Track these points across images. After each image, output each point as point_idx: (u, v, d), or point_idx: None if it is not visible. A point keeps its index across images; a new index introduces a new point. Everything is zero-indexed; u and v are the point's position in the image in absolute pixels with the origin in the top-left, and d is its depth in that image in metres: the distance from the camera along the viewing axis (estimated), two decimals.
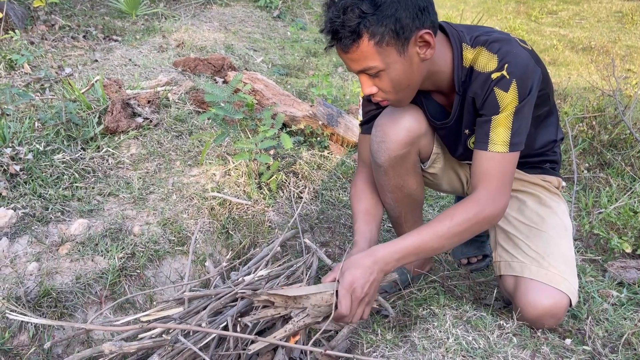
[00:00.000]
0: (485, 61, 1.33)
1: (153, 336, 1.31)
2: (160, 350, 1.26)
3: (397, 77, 1.33)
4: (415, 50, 1.30)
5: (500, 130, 1.35)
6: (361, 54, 1.28)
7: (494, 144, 1.36)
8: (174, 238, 1.95)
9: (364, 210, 1.63)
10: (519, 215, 1.60)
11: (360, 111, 1.72)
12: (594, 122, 3.09)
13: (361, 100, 1.70)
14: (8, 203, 1.90)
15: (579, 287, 1.72)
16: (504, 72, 1.30)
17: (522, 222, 1.58)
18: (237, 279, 1.54)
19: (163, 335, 1.29)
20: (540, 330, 1.50)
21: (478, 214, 1.36)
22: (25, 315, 1.47)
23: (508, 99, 1.32)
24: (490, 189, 1.37)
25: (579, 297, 1.70)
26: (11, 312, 1.37)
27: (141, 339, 1.33)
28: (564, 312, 1.47)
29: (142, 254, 1.84)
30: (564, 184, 1.93)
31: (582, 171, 2.76)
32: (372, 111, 1.62)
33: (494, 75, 1.32)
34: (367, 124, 1.64)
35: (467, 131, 1.49)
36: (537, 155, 1.64)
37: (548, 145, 1.62)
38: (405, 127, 1.52)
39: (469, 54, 1.37)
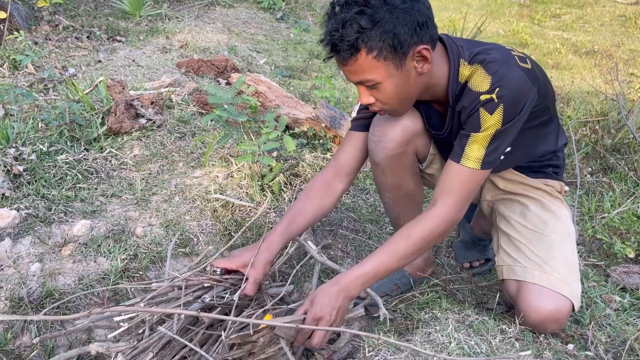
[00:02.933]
0: (479, 80, 1.35)
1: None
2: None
3: (394, 90, 1.35)
4: (413, 65, 1.32)
5: (475, 147, 1.38)
6: (359, 67, 1.30)
7: (466, 158, 1.39)
8: (176, 239, 1.95)
9: (297, 210, 1.61)
10: (521, 219, 1.60)
11: (356, 107, 1.72)
12: (597, 127, 3.09)
13: None
14: (11, 203, 1.91)
15: (582, 292, 1.72)
16: (493, 96, 1.32)
17: (525, 227, 1.58)
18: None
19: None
20: (542, 335, 1.50)
21: (433, 231, 1.41)
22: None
23: (491, 121, 1.34)
24: (448, 205, 1.41)
25: (582, 302, 1.70)
26: None
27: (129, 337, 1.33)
28: (567, 317, 1.47)
29: (144, 255, 1.85)
30: (566, 188, 1.92)
31: (585, 175, 2.76)
32: (367, 110, 1.62)
33: (483, 97, 1.33)
34: (358, 121, 1.65)
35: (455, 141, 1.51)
36: (538, 161, 1.65)
37: (547, 155, 1.63)
38: (401, 126, 1.55)
39: (465, 70, 1.38)
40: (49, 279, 1.66)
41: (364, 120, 1.64)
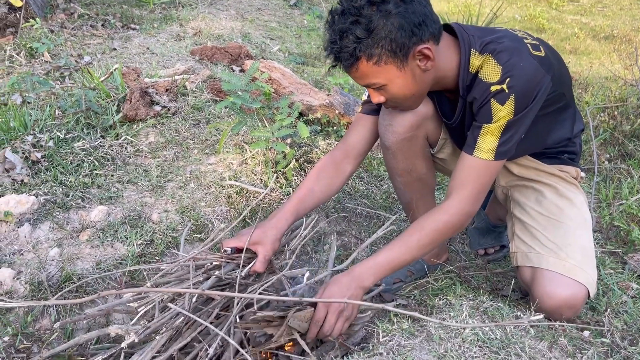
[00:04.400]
0: (490, 71, 1.33)
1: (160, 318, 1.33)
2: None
3: (400, 90, 1.36)
4: (416, 64, 1.32)
5: (488, 138, 1.37)
6: (362, 73, 1.32)
7: (479, 150, 1.39)
8: (192, 225, 1.97)
9: (306, 189, 1.61)
10: (536, 206, 1.58)
11: (367, 91, 1.72)
12: (615, 112, 3.04)
13: None
14: (30, 190, 1.94)
15: (598, 279, 1.71)
16: (504, 86, 1.30)
17: (540, 213, 1.56)
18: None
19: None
20: (557, 321, 1.49)
21: (447, 224, 1.41)
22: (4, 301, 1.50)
23: (503, 112, 1.33)
24: (462, 198, 1.41)
25: (598, 289, 1.68)
26: None
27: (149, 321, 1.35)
28: (582, 304, 1.46)
29: (160, 241, 1.87)
30: (582, 174, 1.90)
31: (603, 162, 2.72)
32: None
33: (494, 88, 1.32)
34: (368, 104, 1.65)
35: (468, 133, 1.50)
36: (553, 148, 1.63)
37: (562, 142, 1.61)
38: (412, 110, 1.54)
39: (476, 60, 1.37)
40: (68, 263, 1.69)
41: (374, 104, 1.63)
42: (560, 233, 1.52)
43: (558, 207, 1.57)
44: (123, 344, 1.18)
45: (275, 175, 2.26)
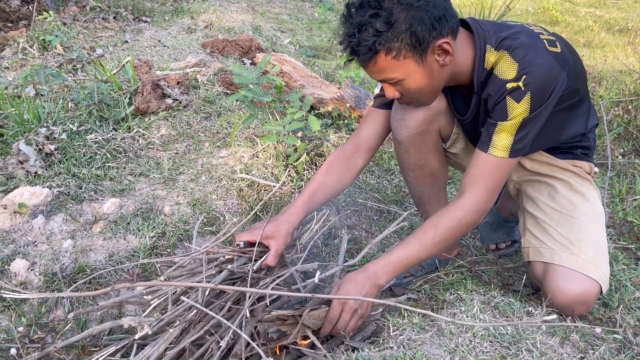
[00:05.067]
0: (506, 67, 1.31)
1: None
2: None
3: (417, 85, 1.34)
4: (434, 59, 1.30)
5: (503, 136, 1.36)
6: (379, 67, 1.29)
7: (494, 147, 1.37)
8: (203, 218, 1.98)
9: (317, 183, 1.61)
10: (549, 201, 1.57)
11: (379, 85, 1.70)
12: (630, 107, 3.00)
13: None
14: (43, 182, 1.95)
15: (611, 275, 1.69)
16: (520, 84, 1.29)
17: (553, 208, 1.55)
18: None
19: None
20: (569, 317, 1.48)
21: (461, 221, 1.41)
22: (19, 292, 1.51)
23: (519, 110, 1.31)
24: (477, 195, 1.40)
25: (611, 285, 1.67)
26: (6, 292, 1.40)
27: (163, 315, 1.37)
28: (594, 300, 1.45)
29: (172, 233, 1.88)
30: (596, 169, 1.88)
31: (617, 157, 2.69)
32: None
33: (509, 85, 1.30)
34: (380, 98, 1.64)
35: (482, 129, 1.48)
36: (567, 143, 1.61)
37: (576, 137, 1.60)
38: (426, 105, 1.53)
39: (491, 56, 1.35)
40: (81, 255, 1.71)
41: (386, 99, 1.62)
42: (573, 228, 1.50)
43: (571, 202, 1.56)
44: (136, 336, 1.19)
45: (287, 168, 2.26)
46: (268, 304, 1.33)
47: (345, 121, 2.72)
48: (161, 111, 2.53)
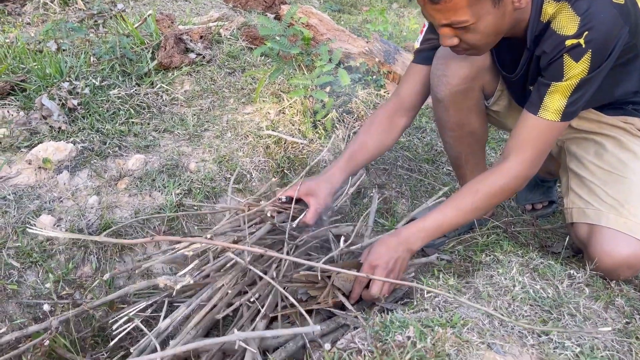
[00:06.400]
0: (565, 21, 1.19)
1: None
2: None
3: (486, 30, 1.21)
4: (510, 0, 1.18)
5: (557, 97, 1.25)
6: (454, 5, 1.14)
7: (545, 109, 1.27)
8: (229, 175, 1.93)
9: (359, 144, 1.55)
10: (596, 159, 1.47)
11: (420, 37, 1.59)
12: None
13: (426, 25, 1.56)
14: (67, 137, 1.92)
15: None
16: (581, 40, 1.17)
17: (600, 167, 1.45)
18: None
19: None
20: (614, 281, 1.41)
21: (504, 187, 1.33)
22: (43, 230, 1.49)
23: (576, 69, 1.20)
24: (522, 161, 1.32)
25: None
26: (32, 227, 1.39)
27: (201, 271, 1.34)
28: None
29: (198, 190, 1.84)
30: None
31: None
32: (433, 40, 1.50)
33: (569, 42, 1.18)
34: (422, 53, 1.53)
35: (531, 87, 1.38)
36: (617, 100, 1.50)
37: (628, 94, 1.47)
38: (468, 59, 1.43)
39: (549, 7, 1.22)
40: (107, 211, 1.68)
41: (428, 52, 1.52)
42: (623, 188, 1.41)
43: (620, 160, 1.45)
44: (177, 286, 1.16)
45: (314, 125, 2.19)
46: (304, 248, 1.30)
47: (374, 77, 2.61)
48: (184, 66, 2.46)
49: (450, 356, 1.06)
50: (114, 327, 1.27)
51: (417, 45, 1.60)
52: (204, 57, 2.54)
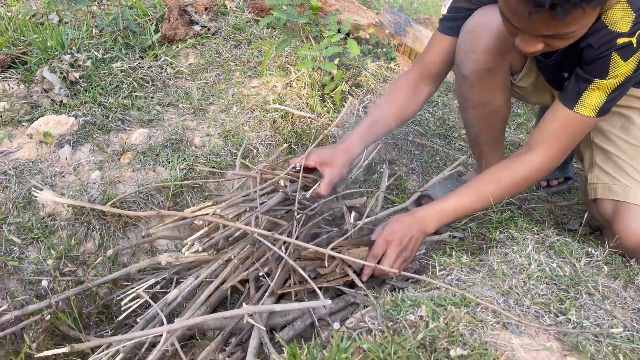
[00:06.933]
0: (619, 17, 1.10)
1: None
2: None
3: (578, 34, 1.10)
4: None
5: (597, 94, 1.18)
6: (571, 19, 1.01)
7: (582, 105, 1.21)
8: (235, 150, 1.88)
9: (379, 113, 1.49)
10: (622, 133, 1.40)
11: (447, 3, 1.50)
12: None
13: None
14: (69, 110, 1.87)
15: None
16: (633, 40, 1.09)
17: (627, 142, 1.38)
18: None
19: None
20: (634, 259, 1.35)
21: (527, 178, 1.30)
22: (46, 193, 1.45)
23: (623, 68, 1.13)
24: (549, 155, 1.27)
25: None
26: (36, 191, 1.35)
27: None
28: None
29: (203, 165, 1.79)
30: None
31: None
32: (462, 8, 1.41)
33: (620, 40, 1.10)
34: (448, 22, 1.45)
35: (566, 74, 1.30)
36: None
37: None
38: (498, 35, 1.34)
39: None
40: (109, 186, 1.64)
41: (455, 22, 1.43)
42: None
43: None
44: (186, 253, 1.12)
45: (322, 98, 2.12)
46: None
47: (384, 49, 2.53)
48: (189, 38, 2.39)
49: (464, 336, 1.01)
50: (122, 302, 1.24)
51: (444, 10, 1.52)
52: (209, 30, 2.47)
